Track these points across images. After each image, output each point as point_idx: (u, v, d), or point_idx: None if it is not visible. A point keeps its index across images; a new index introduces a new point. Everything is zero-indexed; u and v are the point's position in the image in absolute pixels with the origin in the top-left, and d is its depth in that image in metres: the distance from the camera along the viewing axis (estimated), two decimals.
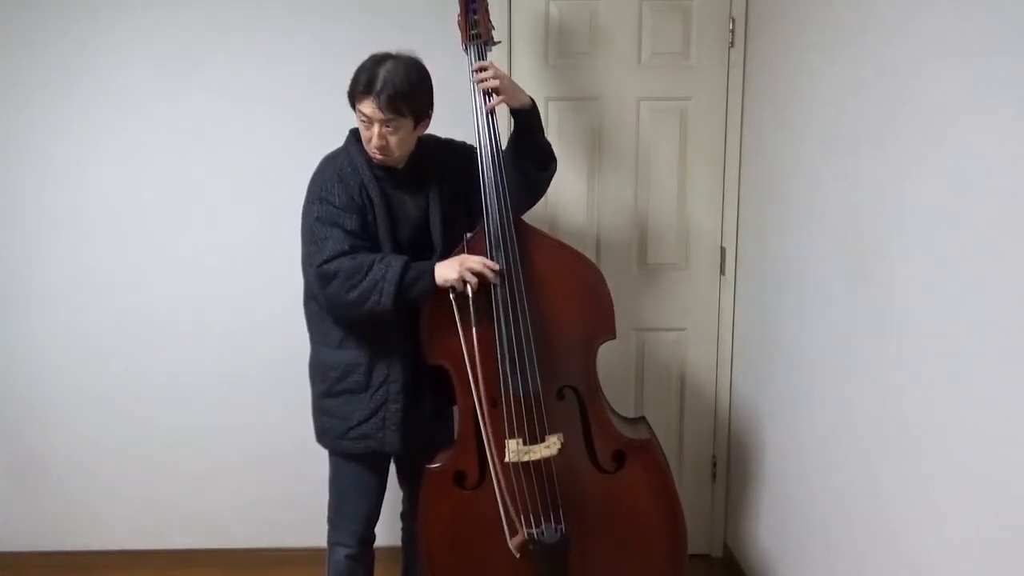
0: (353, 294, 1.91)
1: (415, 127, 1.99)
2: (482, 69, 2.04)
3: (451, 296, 1.95)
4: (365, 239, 1.98)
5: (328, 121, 2.18)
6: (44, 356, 2.79)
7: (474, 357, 1.95)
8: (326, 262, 1.93)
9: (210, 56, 2.64)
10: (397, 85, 1.89)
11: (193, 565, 2.87)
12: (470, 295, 1.95)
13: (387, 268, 1.91)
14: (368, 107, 1.90)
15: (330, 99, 2.60)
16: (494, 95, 2.03)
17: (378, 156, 1.97)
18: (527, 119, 2.10)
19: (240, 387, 2.81)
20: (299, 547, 2.84)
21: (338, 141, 2.11)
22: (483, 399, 1.95)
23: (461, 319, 1.95)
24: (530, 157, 2.13)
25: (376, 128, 1.92)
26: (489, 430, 1.97)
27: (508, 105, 2.06)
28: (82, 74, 2.64)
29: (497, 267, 1.98)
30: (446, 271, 1.94)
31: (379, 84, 1.89)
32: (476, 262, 1.95)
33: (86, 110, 2.66)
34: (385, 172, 2.03)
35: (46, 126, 2.67)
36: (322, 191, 1.98)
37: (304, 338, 2.16)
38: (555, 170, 2.21)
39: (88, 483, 2.86)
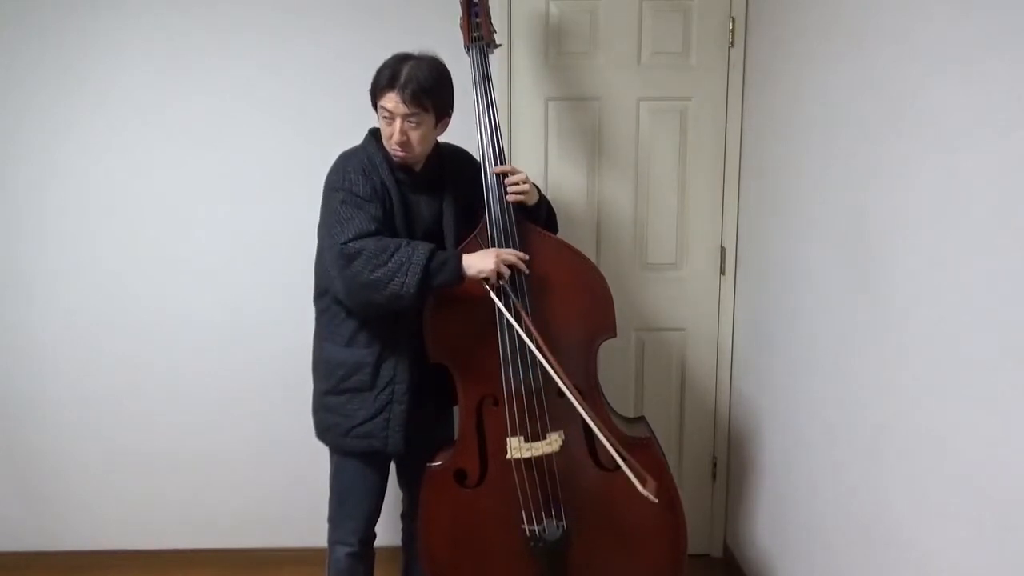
0: (377, 273, 1.88)
1: (436, 124, 2.00)
2: (509, 174, 2.05)
3: (487, 286, 1.95)
4: (386, 229, 1.98)
5: (330, 122, 2.19)
6: (44, 356, 2.79)
7: (535, 338, 1.94)
8: (351, 240, 1.91)
9: (212, 58, 2.64)
10: (421, 80, 1.90)
11: (193, 565, 2.87)
12: (506, 285, 1.96)
13: (413, 251, 1.90)
14: (391, 101, 1.91)
15: (332, 100, 2.62)
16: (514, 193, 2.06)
17: (399, 152, 1.98)
18: (536, 209, 2.14)
19: (240, 387, 2.81)
20: (299, 547, 2.84)
21: (339, 141, 2.11)
22: (560, 373, 1.93)
23: (507, 307, 1.96)
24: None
25: (398, 123, 1.93)
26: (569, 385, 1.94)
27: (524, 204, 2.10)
28: (83, 75, 2.64)
29: (528, 258, 2.01)
30: (481, 262, 1.93)
31: (403, 78, 1.90)
32: (510, 254, 1.97)
33: (87, 112, 2.66)
34: (403, 173, 2.04)
35: (47, 127, 2.67)
36: (345, 181, 1.97)
37: (305, 337, 2.16)
38: (557, 228, 2.28)
39: (88, 483, 2.86)
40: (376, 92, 1.95)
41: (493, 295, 1.96)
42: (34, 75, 2.64)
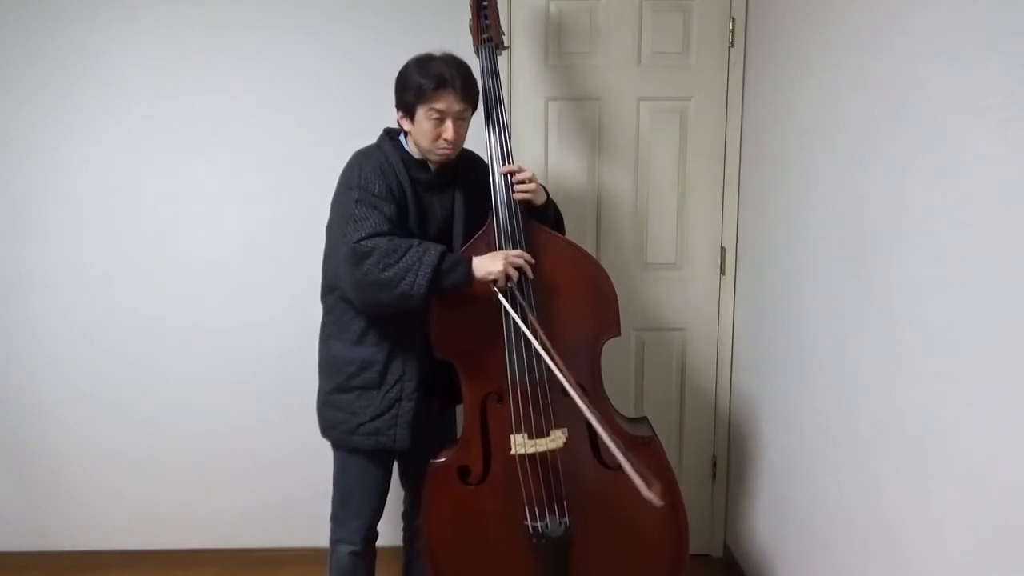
0: (388, 273, 1.89)
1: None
2: (517, 172, 2.06)
3: (495, 288, 1.96)
4: (399, 229, 1.98)
5: (334, 122, 2.19)
6: (44, 356, 2.79)
7: (541, 337, 1.93)
8: (364, 239, 1.91)
9: (211, 56, 2.64)
10: (467, 77, 1.95)
11: (193, 565, 2.86)
12: (514, 287, 1.97)
13: (424, 252, 1.91)
14: (444, 101, 1.93)
15: (335, 100, 2.62)
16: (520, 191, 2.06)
17: (447, 150, 2.00)
18: (544, 210, 2.15)
19: (241, 387, 2.81)
20: (299, 547, 2.84)
21: (343, 141, 2.11)
22: (567, 373, 1.88)
23: (514, 308, 1.97)
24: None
25: (450, 122, 1.95)
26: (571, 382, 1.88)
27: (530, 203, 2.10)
28: (82, 74, 2.64)
29: (534, 261, 2.02)
30: (489, 264, 1.95)
31: (449, 76, 1.93)
32: (518, 256, 1.98)
33: (87, 110, 2.66)
34: (420, 173, 2.06)
35: (47, 126, 2.67)
36: (362, 179, 1.98)
37: (305, 337, 2.16)
38: (565, 232, 2.28)
39: (88, 483, 2.85)
40: (422, 96, 1.94)
41: (500, 296, 1.96)
42: (32, 74, 2.64)
